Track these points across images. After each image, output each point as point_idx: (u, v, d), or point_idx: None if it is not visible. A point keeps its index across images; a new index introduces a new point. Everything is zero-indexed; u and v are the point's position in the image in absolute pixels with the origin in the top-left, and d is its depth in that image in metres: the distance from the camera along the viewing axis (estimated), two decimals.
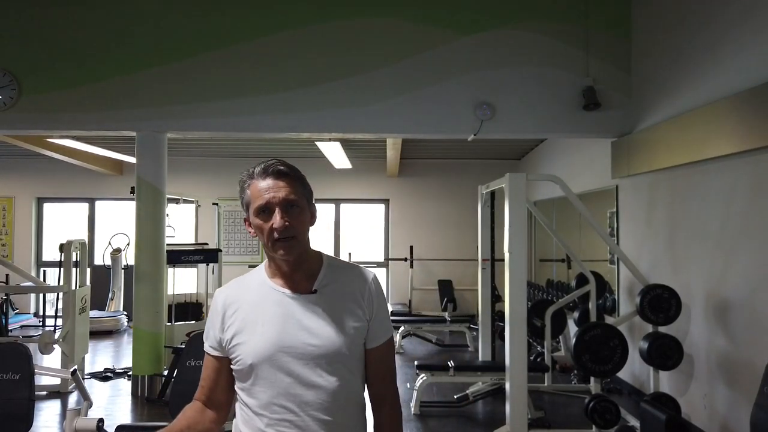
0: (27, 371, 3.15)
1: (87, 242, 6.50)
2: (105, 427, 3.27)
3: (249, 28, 5.43)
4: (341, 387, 1.40)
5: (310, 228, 1.47)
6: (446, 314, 8.07)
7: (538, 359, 5.92)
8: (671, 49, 4.62)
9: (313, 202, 1.50)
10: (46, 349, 5.16)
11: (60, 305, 7.33)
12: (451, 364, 4.95)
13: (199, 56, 5.41)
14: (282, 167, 1.42)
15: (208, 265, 6.87)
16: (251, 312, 1.43)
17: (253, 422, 1.40)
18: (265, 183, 1.40)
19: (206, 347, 1.50)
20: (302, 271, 1.45)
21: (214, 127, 5.46)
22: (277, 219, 1.38)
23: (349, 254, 9.35)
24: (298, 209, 1.41)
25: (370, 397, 1.52)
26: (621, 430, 3.98)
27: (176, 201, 7.26)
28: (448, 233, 9.81)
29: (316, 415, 1.37)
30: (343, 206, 10.25)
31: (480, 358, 5.94)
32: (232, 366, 1.45)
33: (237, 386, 1.46)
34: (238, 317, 1.44)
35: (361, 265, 1.55)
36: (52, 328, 7.68)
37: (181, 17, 5.46)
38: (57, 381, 5.36)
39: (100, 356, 6.97)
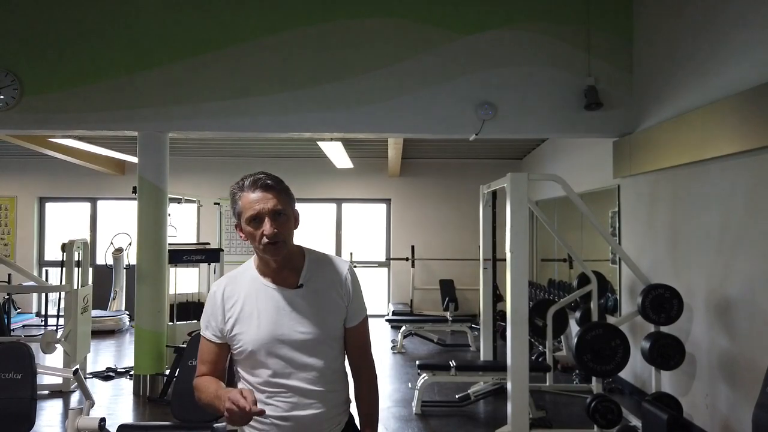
0: (29, 371, 3.16)
1: (89, 242, 6.51)
2: (107, 427, 3.28)
3: (250, 28, 5.43)
4: (327, 364, 1.68)
5: (295, 231, 1.69)
6: (448, 314, 8.06)
7: (540, 359, 5.91)
8: (672, 49, 4.62)
9: (295, 206, 1.71)
10: (48, 349, 5.16)
11: (62, 305, 7.35)
12: (452, 363, 4.95)
13: (201, 56, 5.42)
14: (269, 181, 1.63)
15: (209, 264, 6.87)
16: (247, 305, 1.67)
17: (257, 396, 1.59)
18: (255, 195, 1.61)
19: (207, 335, 1.72)
20: (288, 267, 1.69)
21: (216, 127, 5.47)
22: (267, 227, 1.60)
23: (351, 254, 9.34)
24: (285, 217, 1.64)
25: (350, 367, 1.81)
26: (622, 429, 3.98)
27: (178, 201, 7.27)
28: (450, 233, 9.81)
29: (308, 388, 1.65)
30: (345, 206, 10.25)
31: (481, 358, 5.93)
32: (232, 351, 1.70)
33: (239, 366, 1.72)
34: (236, 310, 1.67)
35: (337, 256, 1.79)
36: (54, 328, 7.70)
37: (182, 17, 5.47)
38: (59, 380, 5.37)
39: (102, 356, 6.98)
